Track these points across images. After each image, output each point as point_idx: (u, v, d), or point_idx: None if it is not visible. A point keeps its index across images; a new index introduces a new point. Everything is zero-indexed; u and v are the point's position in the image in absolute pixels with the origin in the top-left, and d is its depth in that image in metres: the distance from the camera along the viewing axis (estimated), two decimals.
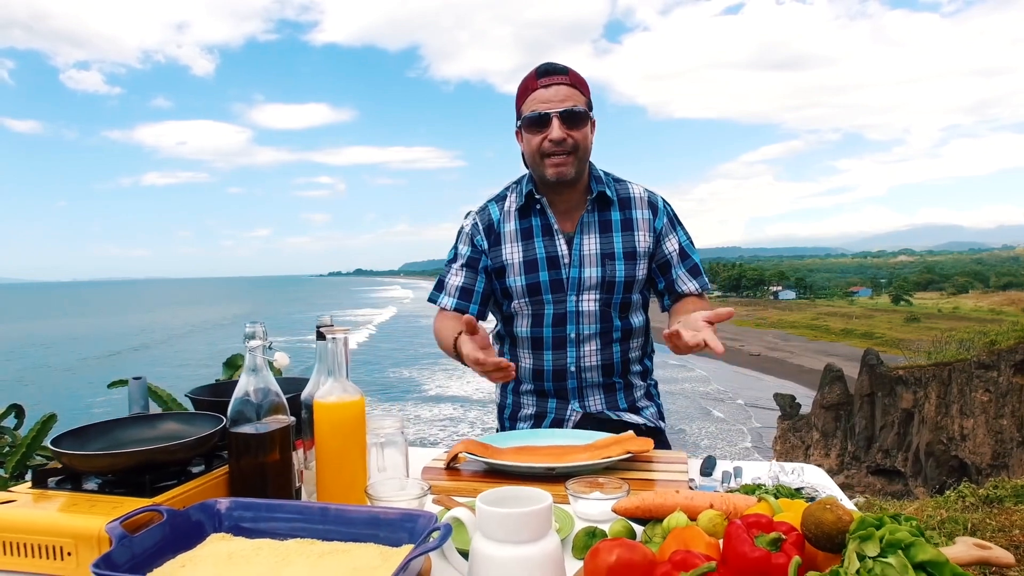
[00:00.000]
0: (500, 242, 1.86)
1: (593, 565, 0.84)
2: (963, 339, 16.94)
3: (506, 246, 1.85)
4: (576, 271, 1.80)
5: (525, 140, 1.78)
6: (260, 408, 1.15)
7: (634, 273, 1.81)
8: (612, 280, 1.79)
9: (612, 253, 1.80)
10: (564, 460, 1.38)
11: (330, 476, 1.19)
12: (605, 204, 1.84)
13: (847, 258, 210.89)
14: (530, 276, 1.81)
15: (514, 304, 1.85)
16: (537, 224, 1.84)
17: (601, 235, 1.81)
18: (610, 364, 1.82)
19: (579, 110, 1.72)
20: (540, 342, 1.82)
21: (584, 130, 1.75)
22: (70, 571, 0.96)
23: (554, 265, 1.81)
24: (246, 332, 1.16)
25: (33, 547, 0.97)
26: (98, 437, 1.19)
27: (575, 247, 1.80)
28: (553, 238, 1.82)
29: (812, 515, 0.84)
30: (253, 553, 0.95)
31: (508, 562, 0.85)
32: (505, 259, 1.84)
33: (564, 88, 1.72)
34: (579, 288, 1.79)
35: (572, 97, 1.72)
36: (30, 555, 0.98)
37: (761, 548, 0.81)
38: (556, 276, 1.80)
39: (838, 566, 0.75)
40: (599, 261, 1.79)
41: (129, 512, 0.95)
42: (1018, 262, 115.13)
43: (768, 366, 42.77)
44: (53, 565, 0.97)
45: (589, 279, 1.79)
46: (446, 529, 0.88)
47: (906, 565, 0.70)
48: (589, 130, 1.77)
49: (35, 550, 0.97)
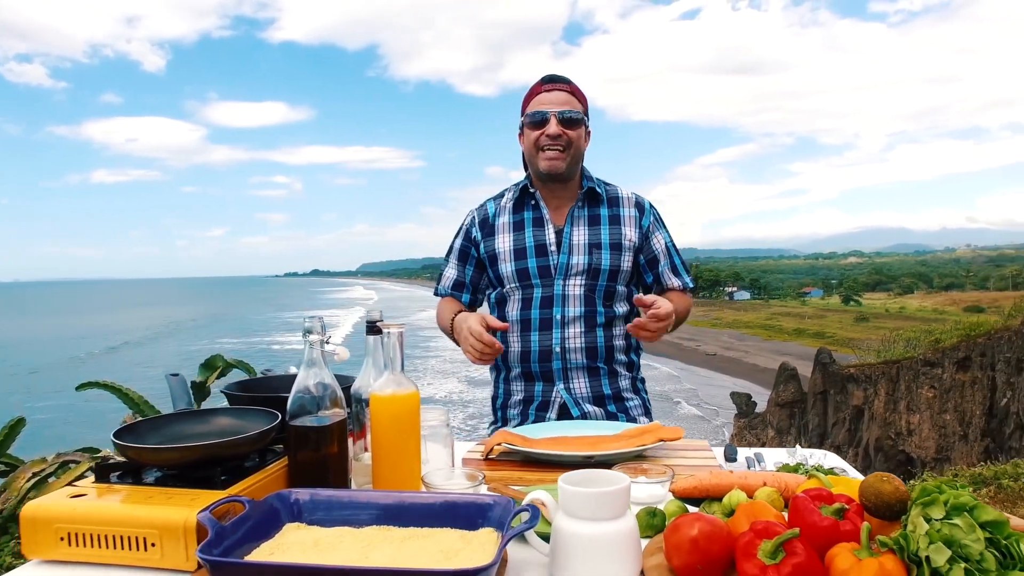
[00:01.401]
0: (493, 233, 2.01)
1: (676, 538, 0.90)
2: (910, 338, 17.55)
3: (499, 236, 2.00)
4: (564, 258, 1.94)
5: (526, 136, 1.95)
6: (320, 401, 1.18)
7: (619, 263, 1.95)
8: (598, 267, 1.93)
9: (599, 243, 1.94)
10: (599, 449, 1.44)
11: (388, 467, 1.22)
12: (595, 201, 1.99)
13: (800, 259, 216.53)
14: (519, 262, 1.96)
15: (506, 288, 1.99)
16: (529, 216, 2.00)
17: (590, 227, 1.96)
18: (594, 348, 1.93)
19: (575, 114, 1.90)
20: (528, 324, 1.94)
21: (579, 131, 1.92)
22: (154, 561, 0.98)
23: (542, 252, 1.95)
24: (305, 327, 1.19)
25: (117, 539, 0.99)
26: (153, 432, 1.20)
27: (564, 236, 1.95)
28: (544, 228, 1.97)
29: (871, 486, 0.91)
30: (336, 540, 0.99)
31: (594, 538, 0.90)
32: (497, 247, 1.99)
33: (564, 94, 1.92)
34: (566, 273, 1.93)
35: (570, 103, 1.91)
36: (114, 547, 0.99)
37: (829, 517, 0.88)
38: (544, 263, 1.95)
39: (906, 529, 0.82)
40: (586, 250, 1.94)
41: (216, 501, 0.98)
42: (959, 264, 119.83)
43: (724, 365, 43.64)
44: (137, 556, 0.98)
45: (576, 265, 1.93)
46: (534, 511, 0.93)
47: (972, 524, 0.78)
48: (583, 134, 1.94)
49: (119, 541, 0.98)
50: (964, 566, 0.75)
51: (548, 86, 1.93)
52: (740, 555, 0.85)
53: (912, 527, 0.82)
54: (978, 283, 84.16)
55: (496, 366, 2.05)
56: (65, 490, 1.08)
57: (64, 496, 1.05)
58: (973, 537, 0.77)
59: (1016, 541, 0.79)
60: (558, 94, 1.91)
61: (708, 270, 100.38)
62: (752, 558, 0.84)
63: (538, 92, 1.94)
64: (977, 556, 0.76)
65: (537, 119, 1.90)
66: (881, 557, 0.81)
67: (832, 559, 0.83)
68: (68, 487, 1.09)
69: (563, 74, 1.98)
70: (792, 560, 0.82)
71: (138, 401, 5.17)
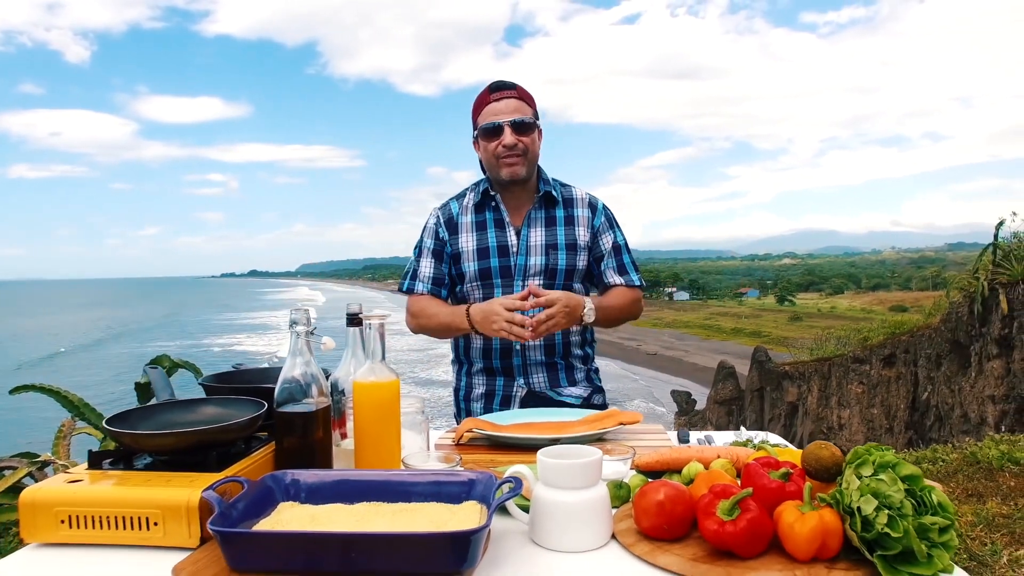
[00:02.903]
0: (457, 232, 2.08)
1: (644, 503, 1.01)
2: (840, 336, 18.28)
3: (462, 235, 2.07)
4: (523, 259, 2.03)
5: (482, 147, 2.02)
6: (306, 389, 1.25)
7: (574, 263, 2.05)
8: (555, 267, 2.03)
9: (555, 244, 2.04)
10: (564, 432, 1.55)
11: (370, 451, 1.30)
12: (551, 202, 2.09)
13: (737, 260, 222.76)
14: (482, 262, 2.04)
15: (467, 286, 2.07)
16: (490, 218, 2.07)
17: (546, 228, 2.06)
18: (552, 344, 2.03)
19: (527, 120, 1.98)
20: None
21: (532, 136, 2.00)
22: (156, 539, 1.03)
23: (504, 253, 2.04)
24: (292, 318, 1.25)
25: (119, 519, 1.03)
26: (143, 420, 1.25)
27: (523, 238, 2.04)
28: (504, 230, 2.05)
29: (811, 453, 1.04)
30: (331, 515, 1.06)
31: (572, 504, 1.01)
32: (461, 247, 2.07)
33: (513, 101, 1.99)
34: (525, 274, 2.02)
35: (520, 109, 1.98)
36: (116, 528, 1.04)
37: (777, 480, 1.01)
38: (505, 263, 2.03)
39: (841, 486, 0.95)
40: (543, 251, 2.03)
41: (219, 480, 1.04)
42: (885, 265, 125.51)
43: (665, 364, 44.58)
44: (139, 535, 1.03)
45: (534, 266, 2.02)
46: (518, 481, 1.02)
47: (895, 478, 0.91)
48: (537, 137, 2.03)
49: (121, 522, 1.03)
50: (887, 512, 0.88)
51: (496, 95, 1.99)
52: (701, 514, 0.97)
53: (846, 484, 0.95)
54: (902, 283, 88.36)
55: (458, 360, 2.14)
56: (61, 476, 1.11)
57: (61, 482, 1.09)
58: (895, 489, 0.90)
59: (928, 492, 0.93)
60: (508, 102, 1.97)
61: (649, 271, 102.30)
62: (712, 516, 0.95)
63: (487, 102, 1.99)
64: (898, 504, 0.89)
65: (490, 129, 1.96)
66: (821, 510, 0.94)
67: (780, 514, 0.96)
68: (63, 474, 1.13)
69: (507, 77, 2.04)
70: (746, 516, 0.94)
71: (79, 404, 5.02)
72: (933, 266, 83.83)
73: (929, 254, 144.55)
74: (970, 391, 8.78)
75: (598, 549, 1.02)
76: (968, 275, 8.61)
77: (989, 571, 2.61)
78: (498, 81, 2.03)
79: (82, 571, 1.00)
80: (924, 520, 0.90)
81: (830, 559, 0.93)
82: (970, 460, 4.14)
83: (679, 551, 0.97)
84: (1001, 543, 2.84)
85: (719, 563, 0.93)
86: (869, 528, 0.90)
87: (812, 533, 0.92)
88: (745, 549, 0.94)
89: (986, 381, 8.36)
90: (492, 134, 1.97)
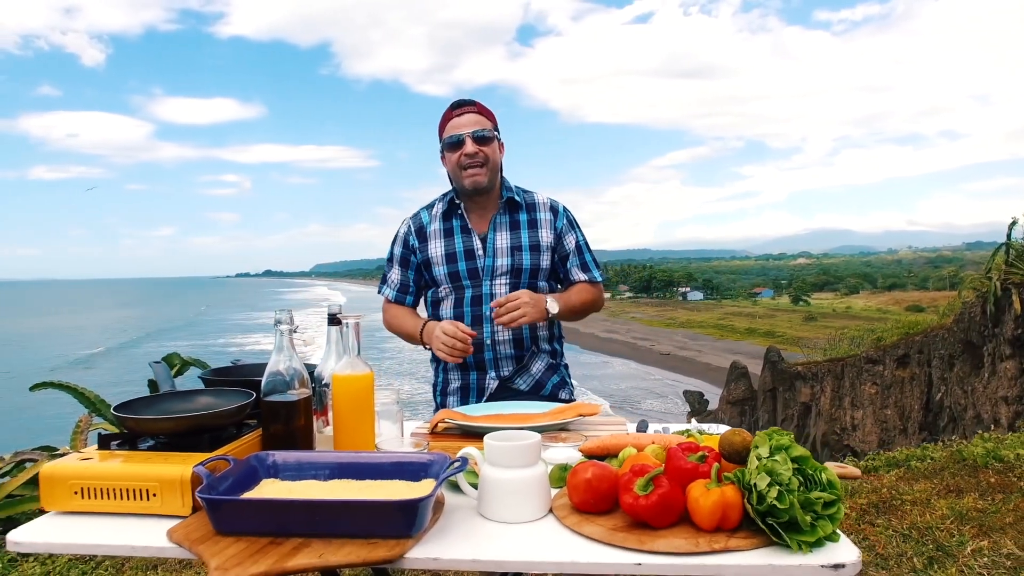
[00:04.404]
0: (427, 239, 2.25)
1: (575, 481, 1.16)
2: (854, 336, 18.22)
3: (432, 242, 2.24)
4: (490, 260, 2.19)
5: (447, 159, 2.19)
6: (289, 382, 1.41)
7: (538, 263, 2.20)
8: (520, 267, 2.18)
9: (520, 246, 2.19)
10: (528, 422, 1.69)
11: (347, 438, 1.45)
12: (515, 208, 2.24)
13: (750, 260, 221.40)
14: (451, 266, 2.20)
15: (440, 289, 2.23)
16: (457, 225, 2.23)
17: (511, 232, 2.21)
18: (520, 339, 2.18)
19: (487, 132, 2.14)
20: (461, 320, 2.17)
21: (492, 146, 2.16)
22: (155, 508, 1.19)
23: (471, 257, 2.20)
24: (276, 317, 1.41)
25: (123, 491, 1.20)
26: (146, 408, 1.41)
27: (489, 242, 2.20)
28: (470, 236, 2.21)
29: (725, 439, 1.18)
30: (306, 489, 1.22)
31: (512, 481, 1.16)
32: (431, 253, 2.23)
33: (473, 116, 2.16)
34: (492, 274, 2.18)
35: (480, 122, 2.15)
36: (120, 498, 1.20)
37: (692, 461, 1.15)
38: (472, 265, 2.19)
39: (744, 467, 1.10)
40: (509, 252, 2.19)
41: (209, 458, 1.20)
42: (901, 265, 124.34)
43: (677, 365, 44.60)
44: (140, 505, 1.19)
45: (501, 267, 2.18)
46: (464, 460, 1.18)
47: (786, 459, 1.05)
48: (497, 148, 2.19)
49: (125, 493, 1.20)
50: (778, 487, 1.03)
51: (458, 111, 2.16)
52: (621, 489, 1.12)
53: (748, 464, 1.09)
54: (919, 283, 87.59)
55: (435, 357, 2.29)
56: (74, 455, 1.28)
57: (75, 459, 1.25)
58: (785, 467, 1.04)
59: (819, 471, 1.07)
60: (468, 116, 2.14)
61: (662, 271, 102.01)
62: (630, 491, 1.10)
63: (450, 118, 2.16)
64: (787, 480, 1.03)
65: (453, 141, 2.12)
66: (724, 487, 1.08)
67: (690, 490, 1.10)
68: (76, 453, 1.30)
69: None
70: (659, 491, 1.08)
71: (95, 401, 5.24)
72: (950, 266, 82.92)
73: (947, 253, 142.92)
74: (983, 392, 8.80)
75: (536, 521, 1.16)
76: (981, 275, 8.61)
77: (952, 560, 2.73)
78: (459, 99, 2.20)
79: (92, 535, 1.16)
80: (810, 495, 1.04)
81: (731, 529, 1.07)
82: (956, 458, 4.23)
83: (602, 522, 1.12)
84: (969, 535, 2.96)
85: (634, 532, 1.08)
86: (762, 501, 1.04)
87: (714, 506, 1.06)
88: (657, 520, 1.08)
89: (999, 382, 8.38)
90: (455, 146, 2.13)
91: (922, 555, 2.83)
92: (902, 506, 3.42)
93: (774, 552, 1.03)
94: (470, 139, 2.11)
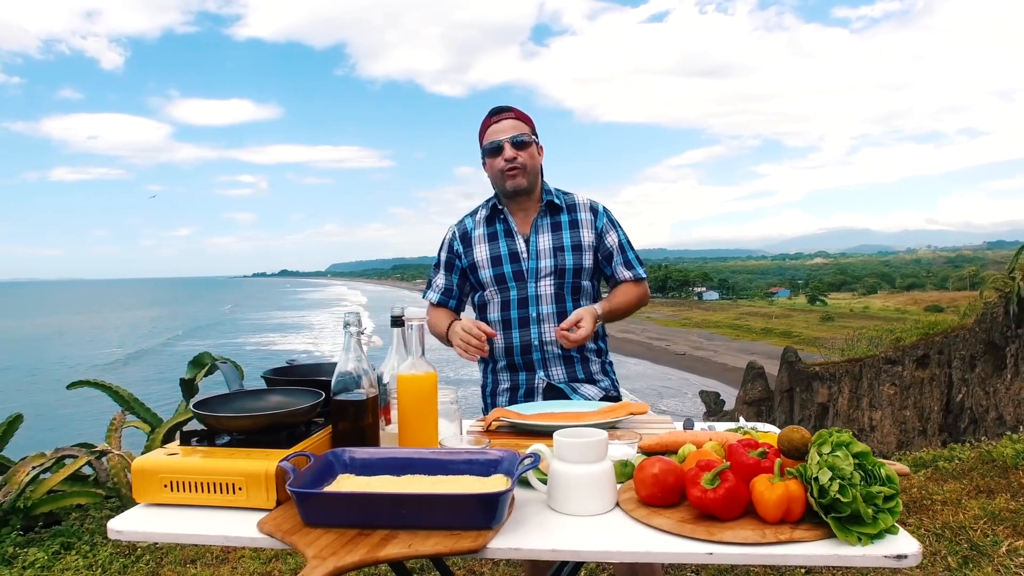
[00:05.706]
0: (472, 244, 2.31)
1: (642, 475, 1.21)
2: (872, 337, 18.06)
3: (476, 247, 2.30)
4: (533, 263, 2.24)
5: (488, 165, 2.26)
6: (358, 380, 1.47)
7: (581, 262, 2.25)
8: (563, 267, 2.23)
9: (562, 246, 2.25)
10: (581, 420, 1.75)
11: (411, 435, 1.52)
12: (555, 210, 2.30)
13: (767, 260, 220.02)
14: (496, 269, 2.26)
15: (486, 292, 2.29)
16: (501, 229, 2.30)
17: (552, 233, 2.27)
18: None
19: (524, 137, 2.21)
20: (509, 323, 2.24)
21: (530, 150, 2.23)
22: (240, 501, 1.26)
23: (515, 259, 2.25)
24: (345, 320, 1.48)
25: (211, 484, 1.27)
26: (222, 406, 1.48)
27: (532, 244, 2.25)
28: (514, 238, 2.27)
29: (785, 435, 1.23)
30: (382, 484, 1.28)
31: (582, 476, 1.21)
32: (476, 258, 2.29)
33: (511, 121, 2.23)
34: (537, 276, 2.23)
35: (518, 127, 2.22)
36: (208, 491, 1.27)
37: (754, 457, 1.20)
38: (517, 268, 2.25)
39: (806, 462, 1.15)
40: (552, 253, 2.24)
41: (292, 453, 1.26)
42: (920, 264, 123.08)
43: (693, 365, 44.42)
44: (226, 498, 1.26)
45: (544, 268, 2.23)
46: (536, 456, 1.23)
47: (847, 455, 1.10)
48: (536, 151, 2.26)
49: (212, 487, 1.27)
50: (840, 482, 1.08)
51: (496, 117, 2.23)
52: (688, 483, 1.17)
53: (810, 460, 1.14)
54: (938, 283, 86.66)
55: (483, 359, 2.35)
56: (160, 450, 1.35)
57: (163, 455, 1.33)
58: (847, 463, 1.09)
59: (879, 467, 1.12)
60: (506, 122, 2.21)
61: (677, 271, 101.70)
62: (697, 485, 1.15)
63: (489, 125, 2.23)
64: (848, 475, 1.08)
65: (493, 147, 2.20)
66: (788, 481, 1.13)
67: (754, 484, 1.15)
68: (162, 448, 1.37)
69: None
70: (725, 485, 1.14)
71: (128, 399, 5.34)
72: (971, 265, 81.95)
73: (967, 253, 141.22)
74: (1005, 393, 8.73)
75: (604, 514, 1.22)
76: (1004, 275, 8.54)
77: (987, 560, 2.75)
78: (497, 106, 2.27)
79: (181, 525, 1.23)
80: (872, 489, 1.09)
81: (795, 521, 1.12)
82: (985, 458, 4.23)
83: (670, 515, 1.17)
84: (1003, 535, 2.97)
85: (702, 524, 1.13)
86: (825, 495, 1.09)
87: (779, 499, 1.11)
88: (724, 512, 1.13)
89: (1022, 383, 8.32)
90: (495, 152, 2.20)
91: (956, 554, 2.85)
92: (932, 506, 3.44)
93: (838, 543, 1.08)
94: (509, 144, 2.18)
